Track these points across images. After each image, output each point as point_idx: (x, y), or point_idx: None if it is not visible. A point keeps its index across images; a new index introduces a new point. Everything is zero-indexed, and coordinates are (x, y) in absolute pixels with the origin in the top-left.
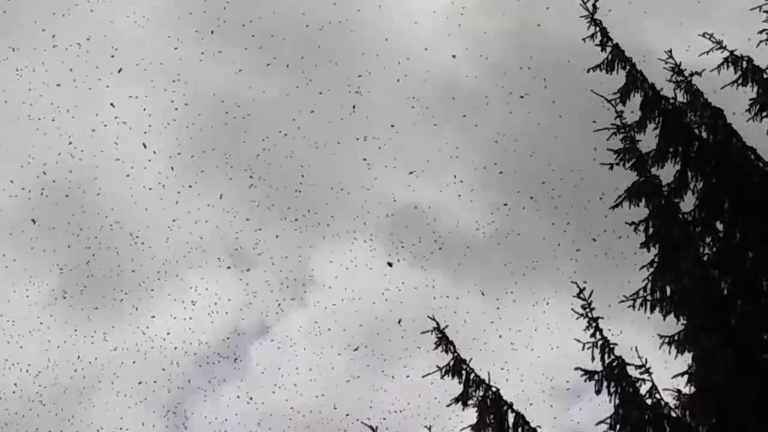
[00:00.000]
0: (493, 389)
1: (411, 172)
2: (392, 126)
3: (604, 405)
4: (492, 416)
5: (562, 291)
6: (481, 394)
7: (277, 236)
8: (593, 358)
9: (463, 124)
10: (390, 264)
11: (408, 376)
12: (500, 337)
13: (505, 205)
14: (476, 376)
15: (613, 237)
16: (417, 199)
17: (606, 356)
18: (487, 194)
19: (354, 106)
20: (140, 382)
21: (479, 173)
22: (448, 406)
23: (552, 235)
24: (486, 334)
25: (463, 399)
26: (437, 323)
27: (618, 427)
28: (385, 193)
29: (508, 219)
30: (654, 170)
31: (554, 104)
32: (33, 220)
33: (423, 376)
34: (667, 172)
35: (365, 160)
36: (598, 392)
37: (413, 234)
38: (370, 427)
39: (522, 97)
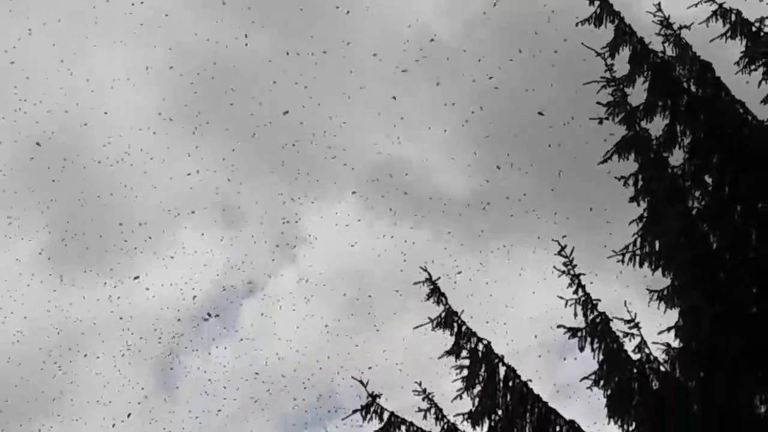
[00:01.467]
0: (485, 342)
1: (394, 126)
2: (380, 82)
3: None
4: (483, 369)
5: (549, 247)
6: (473, 347)
7: (266, 193)
8: (575, 315)
9: (448, 78)
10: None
11: (399, 333)
12: (490, 295)
13: (498, 168)
14: (468, 328)
15: (600, 192)
16: (403, 154)
17: (589, 313)
18: (472, 150)
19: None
20: (129, 340)
21: (465, 128)
22: (439, 358)
23: (538, 191)
24: (474, 291)
25: (454, 352)
26: (429, 274)
27: (602, 383)
28: (373, 149)
29: (495, 175)
30: (643, 124)
31: (540, 58)
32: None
33: (414, 328)
34: (656, 126)
35: (353, 114)
36: (581, 349)
37: (400, 191)
38: (360, 381)
39: (521, 51)
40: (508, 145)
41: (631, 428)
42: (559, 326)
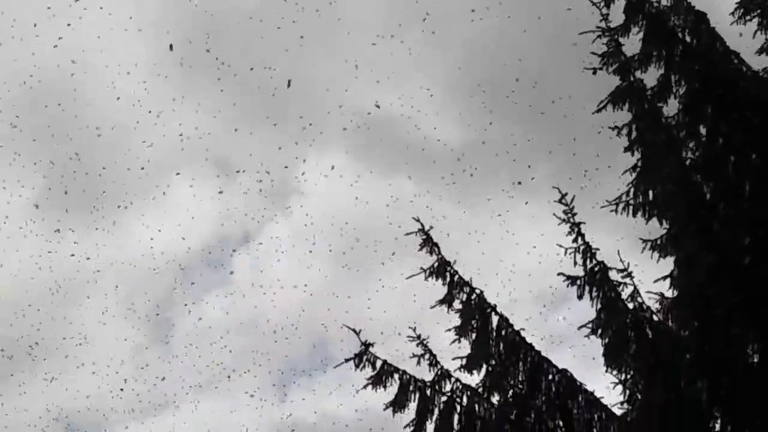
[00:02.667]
0: (477, 291)
1: (377, 81)
2: (368, 34)
3: (589, 312)
4: (476, 318)
5: (542, 197)
6: (465, 296)
7: (259, 144)
8: (575, 263)
9: (436, 29)
10: None
11: (392, 284)
12: (478, 242)
13: (491, 122)
14: (460, 278)
15: (593, 143)
16: (393, 106)
17: (588, 261)
18: (463, 102)
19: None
20: (124, 291)
21: (455, 80)
22: (432, 308)
23: (528, 142)
24: (464, 243)
25: (447, 301)
26: (422, 224)
27: (600, 331)
28: (364, 100)
29: (486, 126)
30: (638, 74)
31: (533, 8)
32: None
33: (407, 278)
34: (650, 77)
35: (346, 62)
36: (580, 297)
37: (390, 143)
38: (353, 330)
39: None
40: (499, 97)
41: (627, 376)
42: (558, 274)
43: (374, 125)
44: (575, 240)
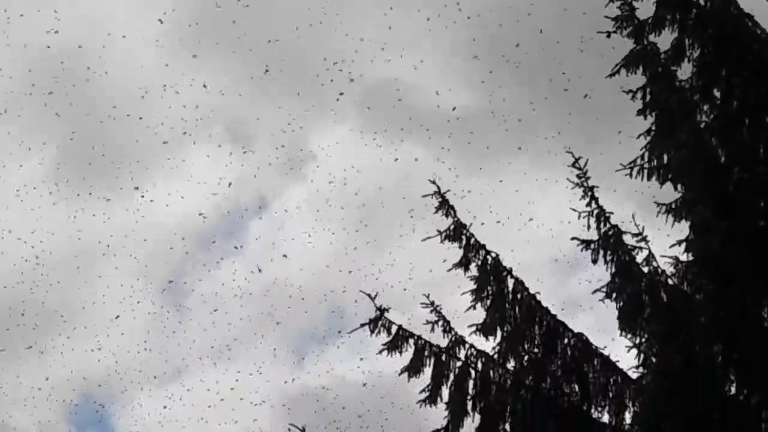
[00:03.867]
0: (493, 255)
1: (382, 48)
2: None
3: (603, 277)
4: (491, 282)
5: (554, 162)
6: (481, 260)
7: (273, 111)
8: (588, 228)
9: None
10: None
11: (407, 250)
12: (491, 211)
13: (500, 86)
14: (476, 241)
15: (605, 107)
16: (402, 70)
17: (602, 225)
18: (472, 64)
19: None
20: (139, 258)
21: (465, 42)
22: (448, 271)
23: (540, 106)
24: (477, 207)
25: (463, 264)
26: (438, 187)
27: (614, 295)
28: (374, 65)
29: (495, 91)
30: (651, 38)
31: None
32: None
33: (423, 240)
34: (664, 40)
35: (362, 40)
36: (594, 261)
37: (402, 107)
38: (369, 295)
39: None
40: (509, 59)
41: (642, 340)
42: (572, 238)
43: (385, 91)
44: (589, 204)
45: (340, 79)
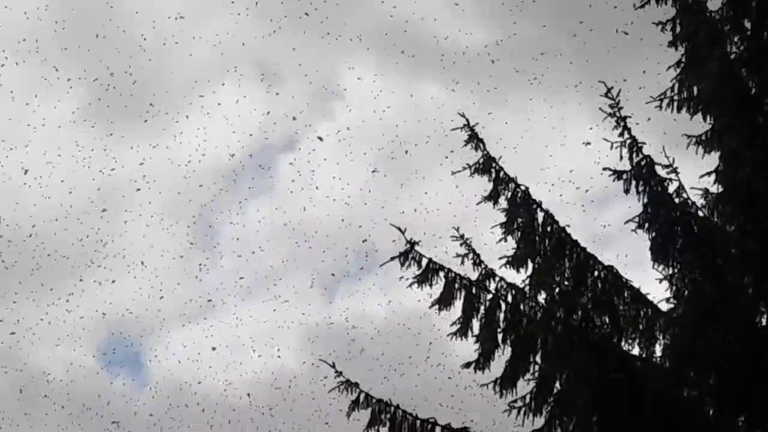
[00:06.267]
0: (522, 188)
1: None
2: None
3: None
4: (521, 215)
5: (580, 94)
6: (510, 193)
7: (303, 51)
8: (621, 158)
9: None
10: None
11: (436, 186)
12: (514, 150)
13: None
14: (505, 174)
15: (632, 39)
16: (420, 9)
17: (634, 155)
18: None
19: None
20: (169, 198)
21: None
22: (478, 204)
23: (563, 39)
24: (506, 145)
25: (492, 197)
26: (467, 120)
27: (646, 225)
28: (401, 8)
29: (515, 24)
30: None
31: None
32: None
33: (453, 173)
34: None
35: None
36: (626, 191)
37: (426, 46)
38: (399, 228)
39: None
40: None
41: (674, 271)
42: (604, 169)
43: (410, 29)
44: (621, 134)
45: (366, 16)
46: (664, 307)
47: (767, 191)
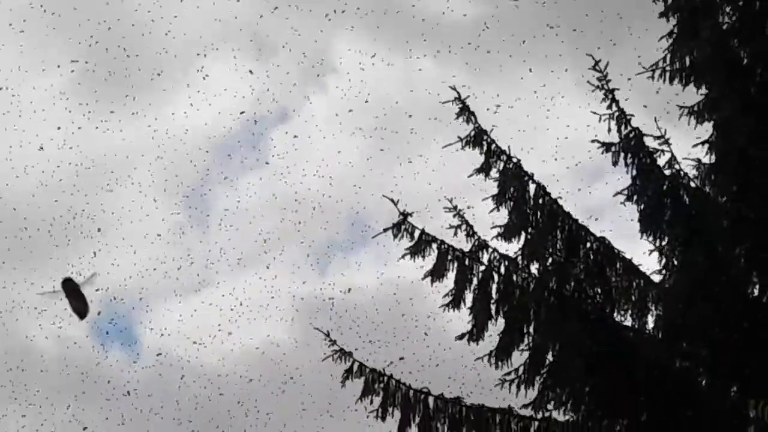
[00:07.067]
0: (514, 160)
1: None
2: None
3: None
4: (513, 187)
5: (571, 68)
6: (502, 165)
7: (297, 22)
8: (609, 130)
9: None
10: None
11: (429, 159)
12: (507, 122)
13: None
14: (497, 146)
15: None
16: None
17: (623, 127)
18: None
19: None
20: (161, 170)
21: None
22: (469, 177)
23: (554, 10)
24: (499, 118)
25: (484, 170)
26: (458, 93)
27: (635, 198)
28: None
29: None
30: None
31: None
32: None
33: (443, 147)
34: None
35: None
36: (614, 164)
37: (420, 20)
38: (392, 200)
39: None
40: None
41: (663, 243)
42: (592, 141)
43: (407, 5)
44: (609, 107)
45: None
46: (656, 278)
47: (761, 158)
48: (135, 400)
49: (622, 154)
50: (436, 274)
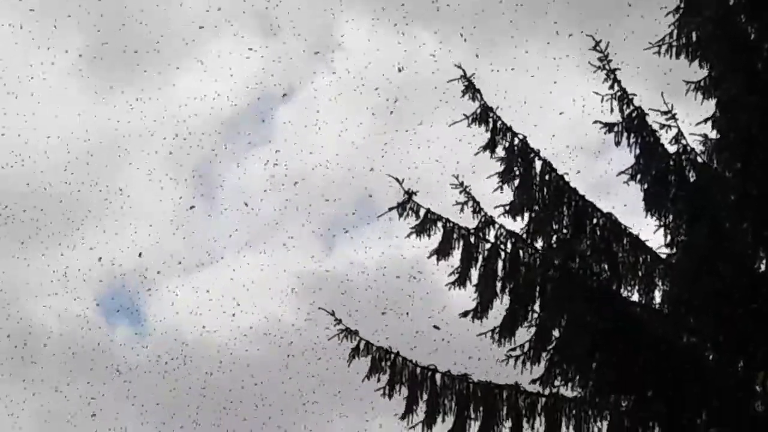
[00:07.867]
0: (520, 137)
1: None
2: None
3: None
4: (519, 164)
5: (574, 46)
6: (508, 142)
7: (302, 1)
8: (611, 110)
9: None
10: None
11: (434, 139)
12: (513, 100)
13: None
14: (503, 123)
15: None
16: None
17: (625, 107)
18: None
19: None
20: (167, 149)
21: None
22: (475, 154)
23: None
24: (505, 95)
25: (490, 147)
26: (464, 71)
27: (638, 177)
28: None
29: None
30: None
31: None
32: None
33: (450, 125)
34: None
35: None
36: (617, 144)
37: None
38: (396, 179)
39: None
40: None
41: (668, 221)
42: (595, 122)
43: None
44: (611, 87)
45: None
46: (663, 253)
47: (765, 135)
48: (141, 377)
49: (624, 134)
50: (442, 252)
